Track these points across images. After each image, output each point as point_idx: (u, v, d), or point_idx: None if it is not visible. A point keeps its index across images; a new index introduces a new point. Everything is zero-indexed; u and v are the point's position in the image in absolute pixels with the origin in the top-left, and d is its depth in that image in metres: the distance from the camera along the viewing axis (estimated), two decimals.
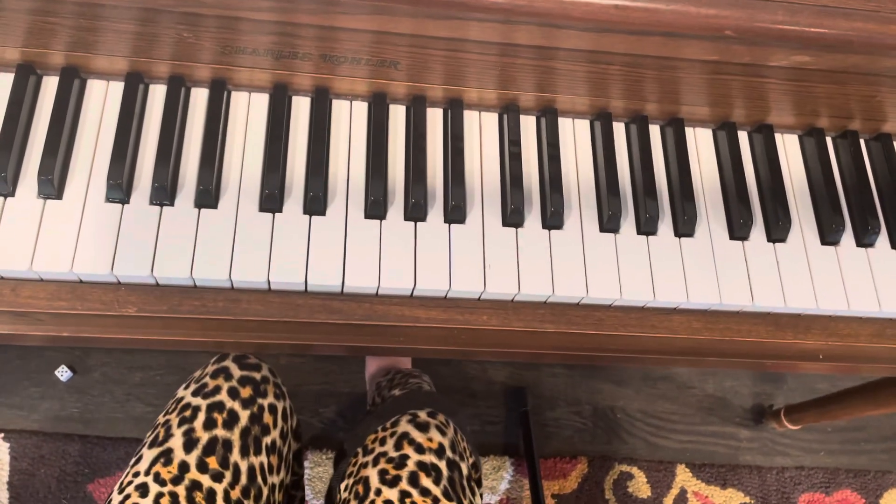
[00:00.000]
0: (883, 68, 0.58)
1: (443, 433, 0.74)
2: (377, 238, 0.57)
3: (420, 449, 0.72)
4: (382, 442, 0.73)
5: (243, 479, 0.64)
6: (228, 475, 0.63)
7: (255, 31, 0.55)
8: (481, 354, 0.65)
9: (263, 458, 0.67)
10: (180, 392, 0.74)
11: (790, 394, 1.46)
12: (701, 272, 0.60)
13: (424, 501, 0.67)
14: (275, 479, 0.70)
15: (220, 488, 0.62)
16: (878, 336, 0.62)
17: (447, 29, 0.55)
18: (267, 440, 0.69)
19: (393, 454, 0.71)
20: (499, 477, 1.31)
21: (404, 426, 0.74)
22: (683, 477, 1.36)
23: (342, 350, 0.62)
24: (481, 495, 0.79)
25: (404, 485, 0.68)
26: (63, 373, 1.29)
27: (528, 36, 0.55)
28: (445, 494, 0.69)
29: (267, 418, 0.69)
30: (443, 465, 0.71)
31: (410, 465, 0.70)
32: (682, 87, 0.61)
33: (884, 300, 0.61)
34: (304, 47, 0.57)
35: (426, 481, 0.69)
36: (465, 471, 0.74)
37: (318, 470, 1.22)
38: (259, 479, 0.66)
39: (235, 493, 0.63)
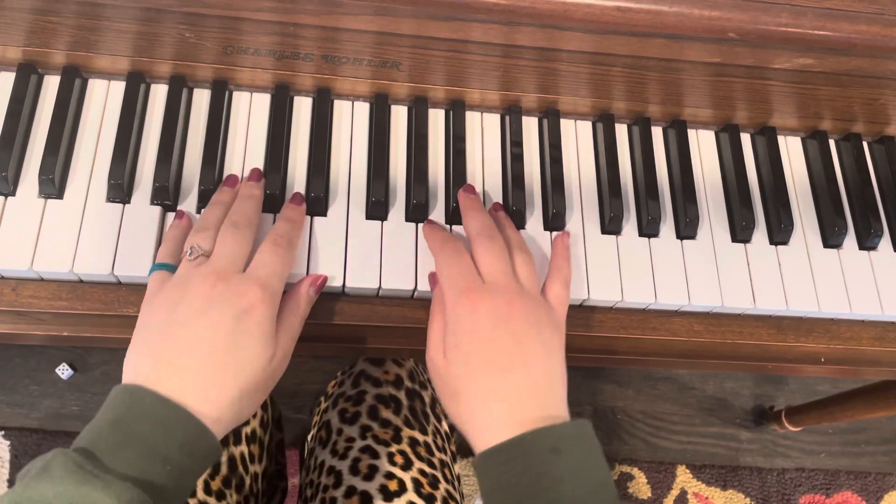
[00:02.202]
0: (886, 71, 0.58)
1: (399, 365, 0.74)
2: (378, 239, 0.57)
3: (377, 382, 0.72)
4: (341, 384, 0.74)
5: (223, 470, 0.64)
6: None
7: (256, 32, 0.55)
8: None
9: (244, 447, 0.67)
10: None
11: (791, 395, 1.46)
12: (703, 274, 0.60)
13: (386, 433, 0.67)
14: (256, 469, 0.70)
15: (199, 479, 0.61)
16: (879, 339, 0.62)
17: (449, 30, 0.54)
18: (247, 430, 0.68)
19: (351, 392, 0.71)
20: None
21: (360, 365, 0.74)
22: (684, 478, 1.36)
23: (342, 350, 0.62)
24: (452, 426, 0.78)
25: (364, 419, 0.68)
26: (64, 371, 1.29)
27: (530, 37, 0.55)
28: (407, 423, 0.69)
29: None
30: (402, 394, 0.71)
31: (368, 400, 0.70)
32: (684, 89, 0.61)
33: (886, 303, 0.61)
34: (305, 48, 0.57)
35: (386, 412, 0.69)
36: (427, 399, 0.74)
37: None
38: (240, 468, 0.66)
39: (216, 484, 0.63)
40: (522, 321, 0.49)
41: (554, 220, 0.59)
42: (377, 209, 0.57)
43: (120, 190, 0.55)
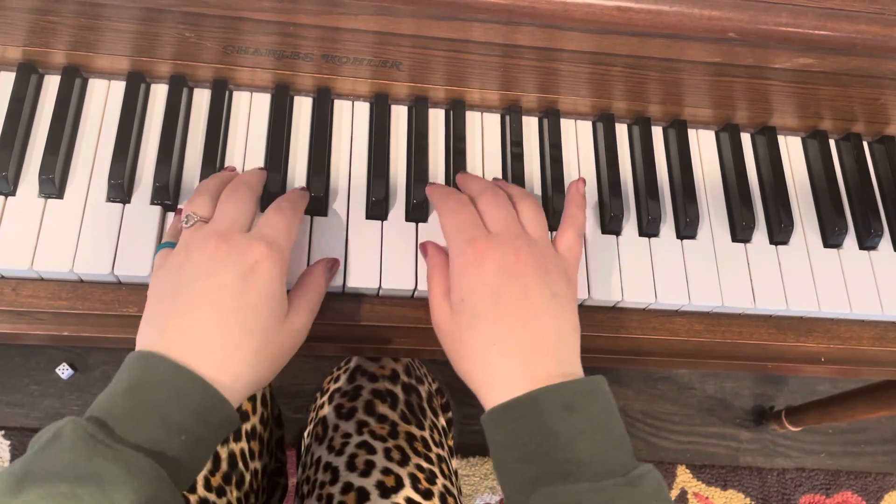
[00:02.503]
0: (887, 71, 0.58)
1: (395, 359, 0.74)
2: (378, 238, 0.57)
3: (373, 377, 0.71)
4: (337, 380, 0.73)
5: (224, 466, 0.64)
6: (208, 462, 0.62)
7: (257, 31, 0.55)
8: None
9: (244, 444, 0.67)
10: None
11: (791, 395, 1.46)
12: (703, 274, 0.60)
13: (382, 428, 0.66)
14: (256, 465, 0.69)
15: (199, 476, 0.61)
16: (880, 339, 0.62)
17: (449, 30, 0.54)
18: (247, 426, 0.68)
19: (346, 387, 0.71)
20: None
21: (356, 360, 0.73)
22: (684, 478, 1.36)
23: (342, 350, 0.62)
24: (450, 421, 0.78)
25: (361, 415, 0.68)
26: (64, 370, 1.29)
27: (530, 37, 0.55)
28: (403, 418, 0.68)
29: (245, 405, 0.68)
30: (398, 389, 0.71)
31: (365, 395, 0.69)
32: (684, 88, 0.61)
33: (886, 303, 0.61)
34: (306, 48, 0.57)
35: (382, 408, 0.68)
36: (423, 394, 0.74)
37: None
38: (240, 464, 0.66)
39: (216, 480, 0.63)
40: (531, 273, 0.47)
41: (554, 220, 0.59)
42: (377, 209, 0.57)
43: (120, 190, 0.55)
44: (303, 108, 0.61)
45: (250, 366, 0.44)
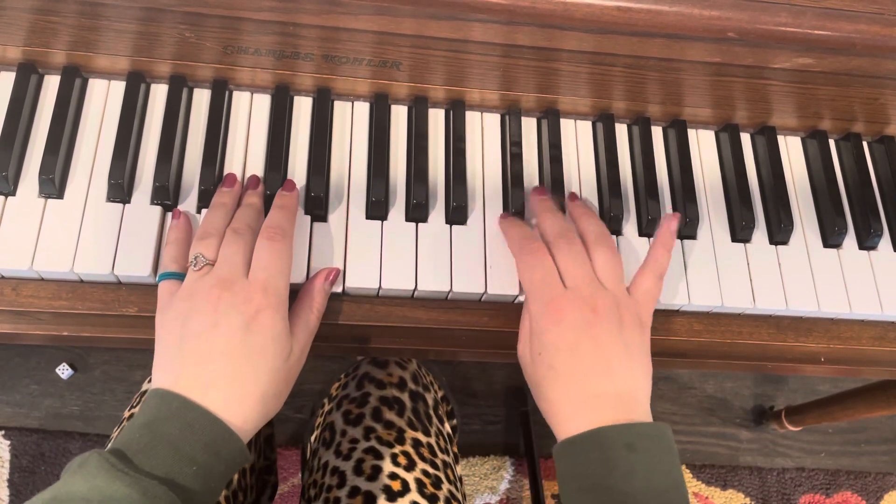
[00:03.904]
0: (886, 71, 0.58)
1: (403, 368, 0.75)
2: (378, 239, 0.57)
3: (381, 385, 0.72)
4: (345, 386, 0.74)
5: None
6: None
7: (257, 31, 0.55)
8: (482, 355, 0.65)
9: None
10: (144, 385, 0.74)
11: (791, 395, 1.46)
12: (703, 274, 0.60)
13: (389, 434, 0.67)
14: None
15: None
16: (879, 339, 0.62)
17: (449, 30, 0.54)
18: None
19: (355, 394, 0.72)
20: (499, 477, 1.31)
21: (364, 368, 0.75)
22: (684, 478, 1.35)
23: (342, 350, 0.62)
24: (455, 428, 0.80)
25: (368, 421, 0.69)
26: (64, 370, 1.29)
27: (530, 37, 0.55)
28: (410, 425, 0.69)
29: None
30: (405, 397, 0.72)
31: (372, 402, 0.70)
32: (684, 88, 0.61)
33: (886, 303, 0.61)
34: (305, 48, 0.57)
35: (389, 414, 0.69)
36: (430, 401, 0.75)
37: None
38: None
39: None
40: (605, 327, 0.50)
41: None
42: (377, 209, 0.57)
43: (120, 189, 0.55)
44: (303, 108, 0.61)
45: (258, 407, 0.47)
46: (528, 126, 0.64)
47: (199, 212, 0.56)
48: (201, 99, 0.60)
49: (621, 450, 0.46)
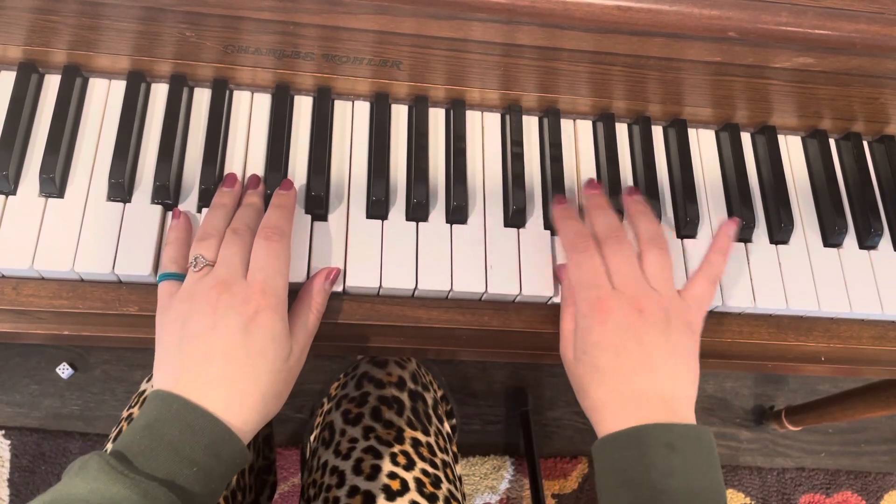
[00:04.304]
0: (887, 70, 0.58)
1: (402, 367, 0.75)
2: (379, 238, 0.57)
3: (380, 384, 0.72)
4: (344, 386, 0.74)
5: None
6: None
7: (257, 31, 0.55)
8: (482, 355, 0.65)
9: None
10: (143, 385, 0.74)
11: (791, 395, 1.46)
12: None
13: (388, 433, 0.68)
14: None
15: None
16: (880, 338, 0.62)
17: (449, 29, 0.54)
18: None
19: (354, 394, 0.72)
20: (499, 476, 1.31)
21: (363, 367, 0.75)
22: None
23: (343, 350, 0.62)
24: (454, 427, 0.80)
25: (367, 420, 0.69)
26: (64, 370, 1.29)
27: (530, 36, 0.55)
28: (409, 424, 0.69)
29: None
30: (404, 396, 0.72)
31: (372, 401, 0.70)
32: (684, 88, 0.61)
33: (886, 302, 0.61)
34: (306, 47, 0.57)
35: (388, 414, 0.69)
36: (429, 401, 0.75)
37: None
38: None
39: None
40: (652, 328, 0.50)
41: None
42: (377, 208, 0.57)
43: (120, 189, 0.55)
44: (303, 108, 0.61)
45: (258, 408, 0.47)
46: (529, 125, 0.64)
47: (199, 211, 0.56)
48: (202, 98, 0.60)
49: (661, 449, 0.46)
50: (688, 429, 0.48)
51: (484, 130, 0.63)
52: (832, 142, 0.67)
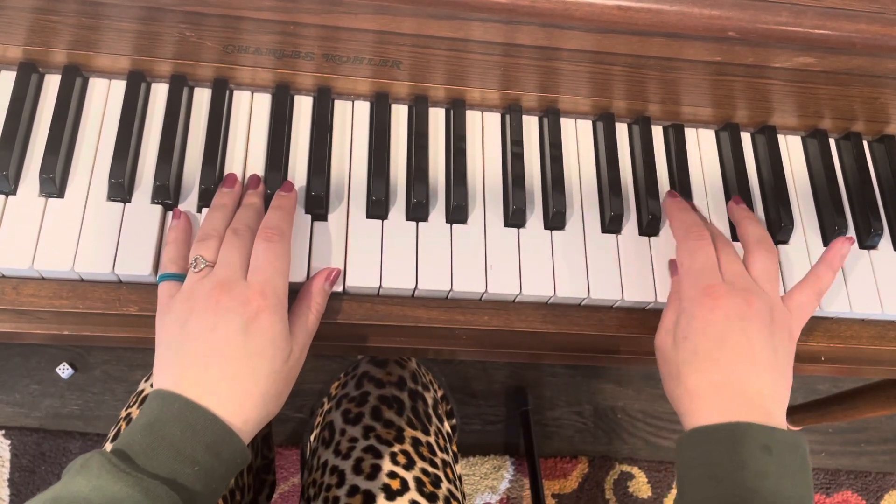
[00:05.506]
0: (887, 70, 0.58)
1: (402, 366, 0.75)
2: (379, 238, 0.57)
3: (380, 384, 0.72)
4: (344, 385, 0.74)
5: None
6: None
7: (257, 31, 0.55)
8: (482, 354, 0.65)
9: None
10: (142, 385, 0.74)
11: (791, 395, 1.46)
12: None
13: (388, 433, 0.68)
14: None
15: None
16: (880, 338, 0.62)
17: (449, 29, 0.55)
18: None
19: (354, 393, 0.72)
20: (499, 476, 1.31)
21: (363, 367, 0.75)
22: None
23: (342, 349, 0.62)
24: (454, 427, 0.80)
25: (367, 420, 0.69)
26: (64, 370, 1.29)
27: (530, 36, 0.55)
28: (409, 424, 0.69)
29: None
30: (404, 396, 0.72)
31: (372, 401, 0.70)
32: (685, 87, 0.61)
33: (886, 302, 0.61)
34: (306, 47, 0.57)
35: (388, 413, 0.70)
36: (429, 400, 0.75)
37: None
38: None
39: None
40: (757, 326, 0.51)
41: (554, 220, 0.59)
42: (377, 208, 0.57)
43: (121, 189, 0.55)
44: (303, 108, 0.61)
45: (258, 408, 0.47)
46: (529, 125, 0.64)
47: (199, 211, 0.56)
48: (202, 98, 0.60)
49: (757, 450, 0.46)
50: (786, 434, 0.48)
51: (484, 130, 0.63)
52: (832, 141, 0.67)
